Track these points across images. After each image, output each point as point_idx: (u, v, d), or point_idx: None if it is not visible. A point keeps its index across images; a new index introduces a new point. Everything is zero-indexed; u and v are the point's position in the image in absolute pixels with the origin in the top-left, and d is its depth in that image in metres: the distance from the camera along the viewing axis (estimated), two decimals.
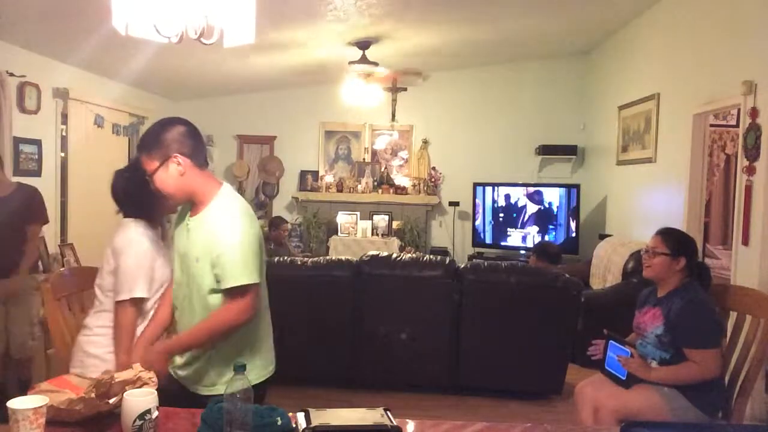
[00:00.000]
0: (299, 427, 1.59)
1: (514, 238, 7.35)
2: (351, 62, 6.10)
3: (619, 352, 2.68)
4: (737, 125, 5.00)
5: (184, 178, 2.02)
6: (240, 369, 1.47)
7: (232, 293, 1.97)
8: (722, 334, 2.65)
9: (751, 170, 3.77)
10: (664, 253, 2.68)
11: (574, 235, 7.00)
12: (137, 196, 2.27)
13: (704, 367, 2.50)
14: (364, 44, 5.98)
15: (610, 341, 2.75)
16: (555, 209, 7.17)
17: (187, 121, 2.09)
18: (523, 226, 7.31)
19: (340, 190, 7.80)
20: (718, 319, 2.62)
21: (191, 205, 2.11)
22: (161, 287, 2.32)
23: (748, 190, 3.79)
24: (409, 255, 4.27)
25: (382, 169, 7.95)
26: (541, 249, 5.55)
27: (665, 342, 2.61)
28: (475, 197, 7.50)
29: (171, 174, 2.01)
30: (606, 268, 5.41)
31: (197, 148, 2.05)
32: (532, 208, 7.28)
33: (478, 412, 3.84)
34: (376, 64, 6.12)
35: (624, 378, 2.63)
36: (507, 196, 7.40)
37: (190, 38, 1.84)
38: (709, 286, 2.74)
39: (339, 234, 7.43)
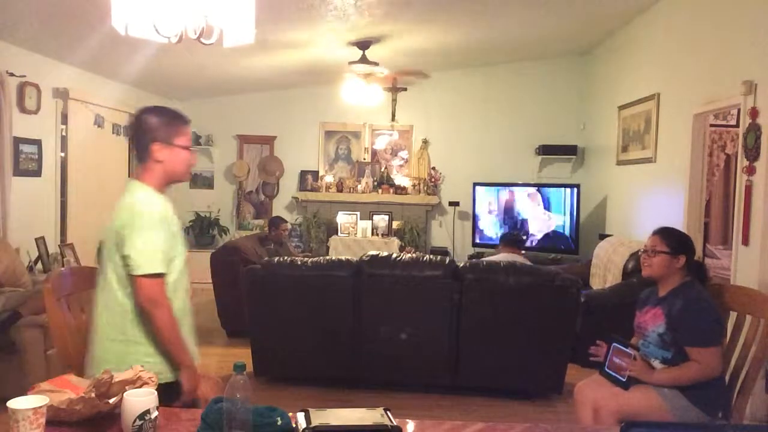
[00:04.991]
0: (299, 427, 1.59)
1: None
2: (351, 62, 6.10)
3: (621, 356, 2.67)
4: (737, 125, 4.99)
5: None
6: (240, 369, 1.47)
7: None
8: (723, 333, 2.65)
9: (751, 170, 3.77)
10: (664, 251, 2.67)
11: (574, 235, 6.99)
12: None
13: (706, 366, 2.49)
14: (364, 44, 5.98)
15: (613, 344, 2.74)
16: (555, 209, 7.17)
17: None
18: (522, 226, 7.30)
19: (340, 190, 7.80)
20: (719, 318, 2.62)
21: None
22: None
23: (748, 190, 3.79)
24: (409, 255, 4.26)
25: (382, 169, 7.95)
26: (510, 238, 5.48)
27: (667, 341, 2.61)
28: (475, 197, 7.50)
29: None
30: (606, 268, 5.41)
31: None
32: (531, 208, 7.28)
33: (478, 412, 3.84)
34: (376, 64, 6.12)
35: (624, 381, 2.63)
36: (507, 196, 7.39)
37: (189, 38, 1.84)
38: (706, 285, 2.73)
39: (339, 234, 7.43)
